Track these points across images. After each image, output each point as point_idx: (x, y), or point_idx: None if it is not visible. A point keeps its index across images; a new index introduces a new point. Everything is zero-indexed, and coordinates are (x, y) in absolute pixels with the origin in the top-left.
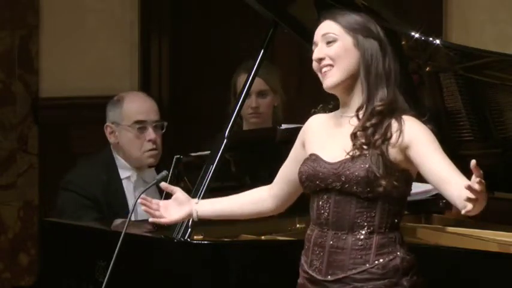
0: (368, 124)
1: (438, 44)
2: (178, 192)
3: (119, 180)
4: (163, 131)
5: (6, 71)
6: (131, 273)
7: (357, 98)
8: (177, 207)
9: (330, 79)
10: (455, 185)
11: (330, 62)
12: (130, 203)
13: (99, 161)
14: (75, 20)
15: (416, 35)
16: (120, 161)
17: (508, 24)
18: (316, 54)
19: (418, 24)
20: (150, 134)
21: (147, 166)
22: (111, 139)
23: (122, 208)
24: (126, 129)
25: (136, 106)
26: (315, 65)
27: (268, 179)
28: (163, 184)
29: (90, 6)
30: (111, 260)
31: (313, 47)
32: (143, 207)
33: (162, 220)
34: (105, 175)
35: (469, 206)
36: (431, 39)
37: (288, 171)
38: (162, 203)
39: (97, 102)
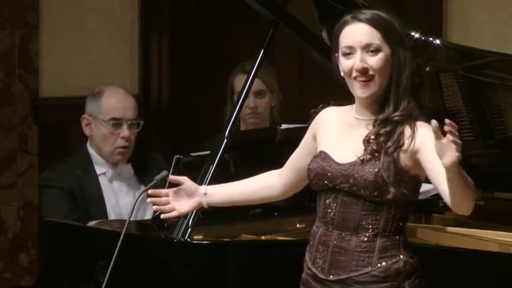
0: (382, 131)
1: (438, 44)
2: (187, 182)
3: (95, 176)
4: (139, 129)
5: (6, 71)
6: (131, 273)
7: (379, 106)
8: (187, 197)
9: (369, 90)
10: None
11: (373, 73)
12: (107, 196)
13: (74, 159)
14: (75, 20)
15: (416, 35)
16: (95, 158)
17: (507, 24)
18: (359, 65)
19: (418, 25)
20: (124, 131)
21: (115, 162)
22: (87, 131)
23: (98, 201)
24: (101, 124)
25: (114, 102)
26: (348, 70)
27: None
28: (170, 177)
29: (90, 6)
30: (111, 260)
31: (345, 49)
32: (154, 206)
33: (173, 214)
34: (80, 171)
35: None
36: (431, 39)
37: (297, 159)
38: (171, 193)
39: None
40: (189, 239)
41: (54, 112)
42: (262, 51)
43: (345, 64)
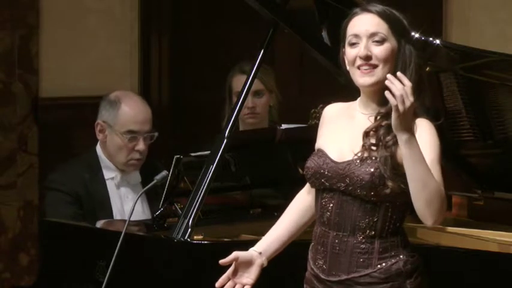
0: (384, 123)
1: (438, 44)
2: (240, 255)
3: (102, 180)
4: (152, 141)
5: (6, 71)
6: (131, 273)
7: (383, 100)
8: (246, 268)
9: (372, 78)
10: None
11: (377, 62)
12: (114, 201)
13: (83, 161)
14: (75, 20)
15: (416, 35)
16: (105, 162)
17: (508, 24)
18: (363, 52)
19: (418, 25)
20: (140, 144)
21: (126, 170)
22: (100, 136)
23: (104, 206)
24: (116, 135)
25: (133, 114)
26: (353, 58)
27: (268, 179)
28: (221, 261)
29: (90, 6)
30: (111, 260)
31: (351, 37)
32: None
33: None
34: (88, 174)
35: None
36: (431, 39)
37: None
38: (231, 275)
39: (97, 103)
40: (189, 239)
41: (54, 112)
42: (262, 51)
43: (350, 52)
